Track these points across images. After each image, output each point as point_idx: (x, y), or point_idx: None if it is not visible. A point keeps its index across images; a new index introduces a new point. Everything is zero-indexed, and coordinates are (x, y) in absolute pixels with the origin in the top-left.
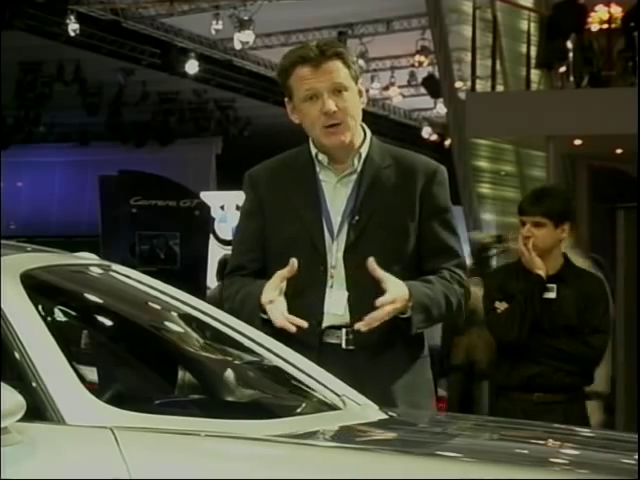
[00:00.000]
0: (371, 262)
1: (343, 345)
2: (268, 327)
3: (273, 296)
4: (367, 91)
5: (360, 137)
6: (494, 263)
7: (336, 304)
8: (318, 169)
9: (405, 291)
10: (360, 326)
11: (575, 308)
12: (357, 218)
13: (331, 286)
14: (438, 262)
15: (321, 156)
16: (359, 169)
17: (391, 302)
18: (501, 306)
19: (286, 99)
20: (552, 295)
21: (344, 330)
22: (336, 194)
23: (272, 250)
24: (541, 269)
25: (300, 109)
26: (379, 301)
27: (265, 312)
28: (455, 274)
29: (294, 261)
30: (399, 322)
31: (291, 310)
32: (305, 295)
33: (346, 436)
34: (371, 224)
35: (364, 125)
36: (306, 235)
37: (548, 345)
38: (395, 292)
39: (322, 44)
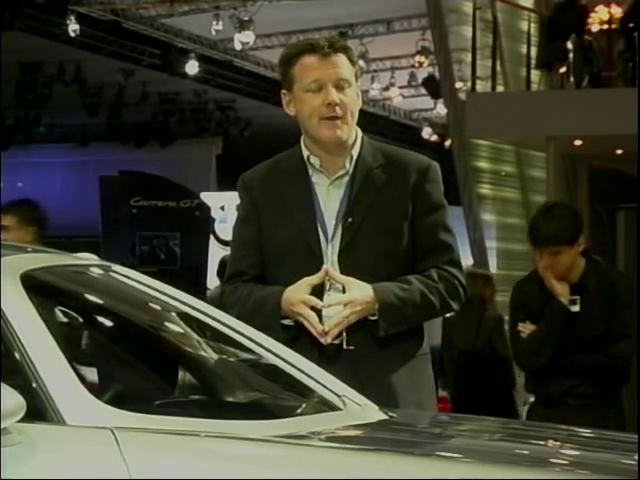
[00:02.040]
0: (330, 269)
1: (344, 346)
2: (288, 332)
3: (307, 299)
4: (367, 92)
5: (352, 138)
6: None
7: (334, 306)
8: (310, 172)
9: (368, 293)
10: (328, 338)
11: (602, 315)
12: (350, 220)
13: (328, 289)
14: (430, 261)
15: (313, 159)
16: (351, 170)
17: (349, 303)
18: (525, 329)
19: (283, 91)
20: (576, 308)
21: (343, 331)
22: (329, 197)
23: (269, 254)
24: (563, 296)
25: (301, 99)
26: (327, 301)
27: (284, 317)
28: (445, 272)
29: (327, 268)
30: (368, 324)
31: None
32: None
33: (346, 437)
34: (365, 225)
35: (356, 126)
36: (302, 239)
37: (573, 362)
38: (353, 294)
39: (330, 37)
